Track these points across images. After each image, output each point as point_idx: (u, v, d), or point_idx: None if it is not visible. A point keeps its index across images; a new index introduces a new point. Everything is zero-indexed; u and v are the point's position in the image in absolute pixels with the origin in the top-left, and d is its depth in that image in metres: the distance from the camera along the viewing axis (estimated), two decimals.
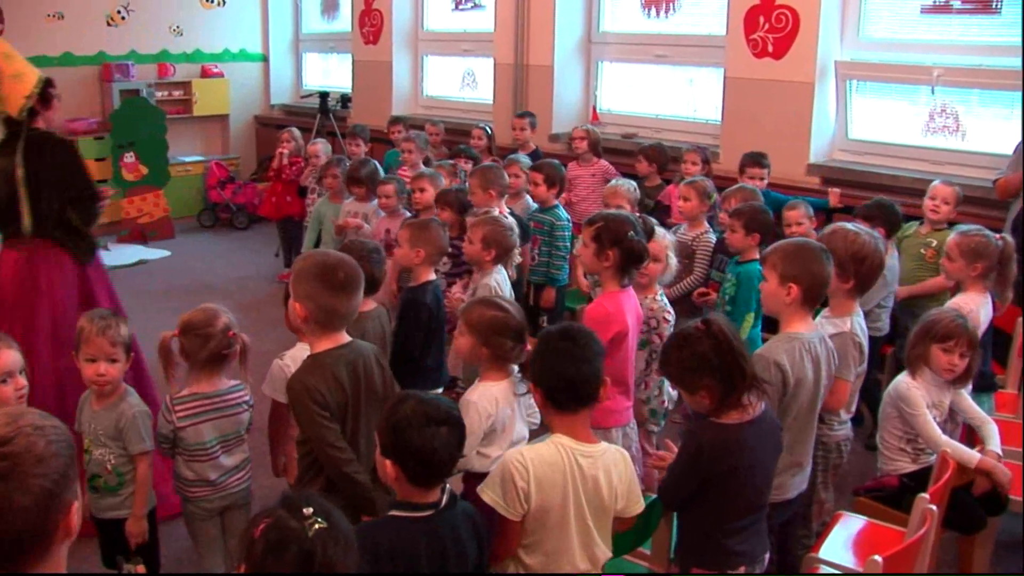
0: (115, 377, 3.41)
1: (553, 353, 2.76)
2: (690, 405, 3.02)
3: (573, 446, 2.71)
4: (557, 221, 5.80)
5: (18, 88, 4.42)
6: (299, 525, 1.88)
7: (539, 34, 8.26)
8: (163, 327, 3.51)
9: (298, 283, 3.01)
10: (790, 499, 3.41)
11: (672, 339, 3.04)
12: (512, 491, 2.64)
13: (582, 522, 2.74)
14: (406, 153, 7.32)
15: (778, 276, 3.32)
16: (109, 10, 10.49)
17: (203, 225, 10.82)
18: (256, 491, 3.73)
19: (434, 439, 2.44)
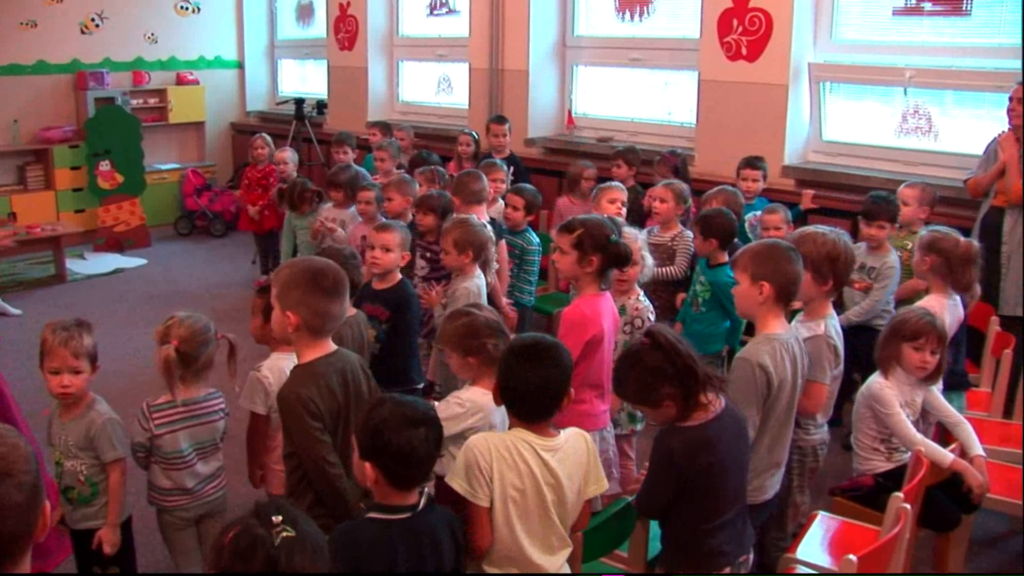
0: (80, 388, 3.37)
1: (518, 368, 2.79)
2: (655, 419, 3.03)
3: (535, 441, 2.78)
4: (528, 246, 5.76)
5: None
6: (266, 533, 1.90)
7: (514, 39, 8.28)
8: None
9: (287, 291, 2.98)
10: (768, 499, 3.43)
11: (622, 361, 3.03)
12: (477, 475, 2.70)
13: (544, 514, 2.79)
14: (379, 161, 7.33)
15: (749, 276, 3.34)
16: (83, 18, 10.44)
17: (180, 233, 10.78)
18: (231, 500, 3.72)
19: (412, 440, 2.46)
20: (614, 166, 6.83)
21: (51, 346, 3.34)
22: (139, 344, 3.52)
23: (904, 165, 6.18)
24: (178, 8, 11.10)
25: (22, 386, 4.26)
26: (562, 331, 3.77)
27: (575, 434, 2.90)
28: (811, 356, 3.48)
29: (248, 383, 3.62)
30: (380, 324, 4.32)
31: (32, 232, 8.91)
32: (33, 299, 8.32)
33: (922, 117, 6.24)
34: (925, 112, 6.22)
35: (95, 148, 10.05)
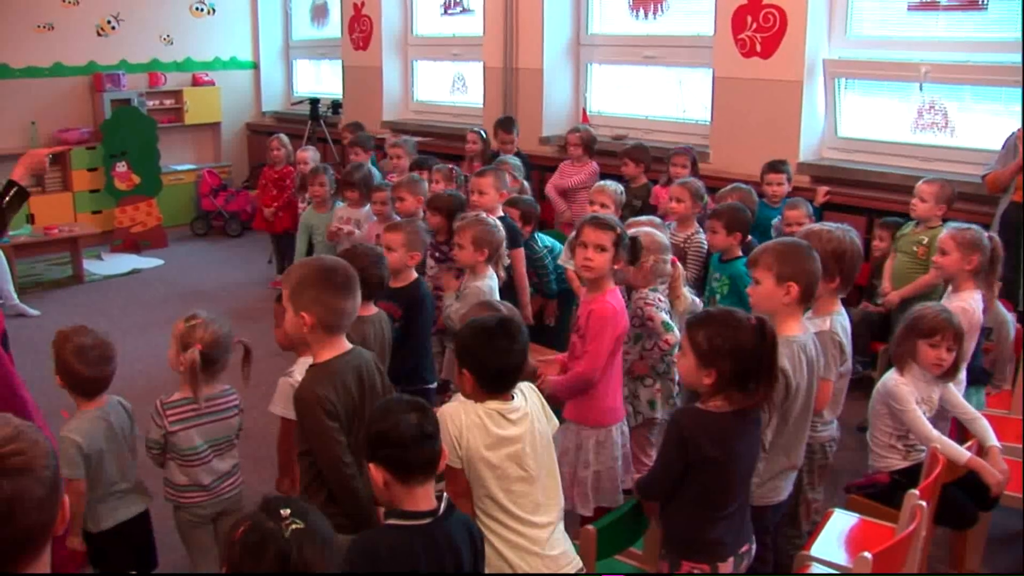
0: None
1: (491, 345, 2.84)
2: (685, 374, 3.03)
3: (502, 407, 2.86)
4: (533, 254, 5.64)
5: None
6: (276, 526, 1.92)
7: (528, 37, 8.28)
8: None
9: (301, 291, 2.98)
10: (783, 500, 3.43)
11: (720, 313, 3.02)
12: (448, 438, 2.75)
13: (525, 473, 2.86)
14: (395, 159, 7.33)
15: (774, 276, 3.31)
16: (99, 20, 10.49)
17: (196, 233, 10.82)
18: (248, 497, 3.73)
19: (401, 423, 2.45)
20: (623, 164, 6.83)
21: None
22: (156, 343, 3.55)
23: (920, 161, 6.15)
24: (193, 9, 11.14)
25: (41, 386, 4.27)
26: (594, 327, 3.73)
27: (525, 388, 2.98)
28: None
29: (279, 389, 3.63)
30: (393, 322, 4.32)
31: (50, 233, 8.97)
32: (51, 300, 8.37)
33: (938, 112, 6.21)
34: (941, 107, 6.19)
35: (112, 149, 10.10)
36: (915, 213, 5.31)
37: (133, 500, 3.53)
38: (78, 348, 3.38)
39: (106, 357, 3.43)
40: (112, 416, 3.47)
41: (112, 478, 3.45)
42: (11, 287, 7.90)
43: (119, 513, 3.48)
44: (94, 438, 3.37)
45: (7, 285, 7.83)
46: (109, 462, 3.43)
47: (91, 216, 10.18)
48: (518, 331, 2.90)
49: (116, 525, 3.47)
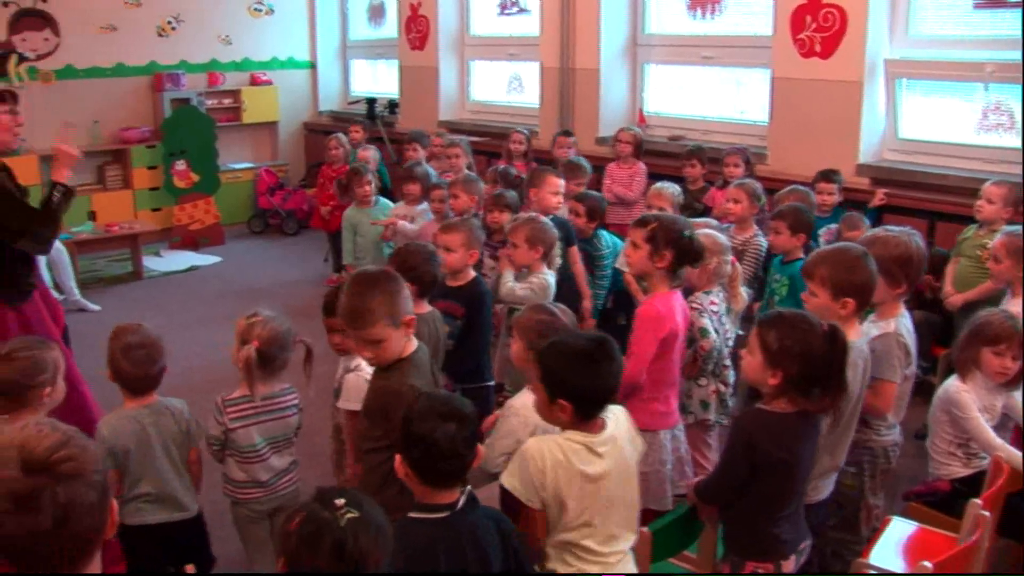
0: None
1: (578, 370, 2.77)
2: (750, 372, 3.00)
3: (590, 440, 2.77)
4: (596, 251, 5.70)
5: None
6: (331, 516, 1.93)
7: (585, 37, 8.25)
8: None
9: (396, 301, 3.00)
10: (823, 499, 3.39)
11: (792, 315, 3.01)
12: (531, 480, 2.71)
13: (606, 507, 2.80)
14: (452, 158, 7.35)
15: (830, 292, 3.28)
16: (160, 21, 10.62)
17: (253, 231, 10.93)
18: (304, 493, 3.75)
19: (436, 432, 2.43)
20: (687, 165, 6.79)
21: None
22: (214, 340, 3.60)
23: (983, 163, 6.03)
24: (251, 10, 11.24)
25: (100, 381, 4.32)
26: (638, 329, 3.75)
27: (617, 411, 2.92)
28: (881, 354, 3.41)
29: (349, 384, 3.62)
30: (455, 321, 4.33)
31: (111, 230, 9.12)
32: (111, 295, 8.50)
33: (1003, 113, 6.09)
34: (1007, 108, 6.07)
35: (171, 148, 10.24)
36: (980, 215, 5.21)
37: (161, 509, 3.48)
38: (125, 346, 3.41)
39: (152, 358, 3.44)
40: (149, 419, 3.44)
41: (135, 479, 3.43)
42: (73, 283, 8.03)
43: (144, 516, 3.46)
44: (122, 435, 3.38)
45: (69, 281, 7.97)
46: (135, 463, 3.41)
47: (151, 213, 10.31)
48: (614, 350, 2.85)
49: (144, 525, 3.46)
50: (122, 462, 3.39)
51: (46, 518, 1.60)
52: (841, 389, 2.90)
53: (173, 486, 3.48)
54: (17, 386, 3.26)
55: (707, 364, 4.19)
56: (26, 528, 1.59)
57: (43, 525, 1.60)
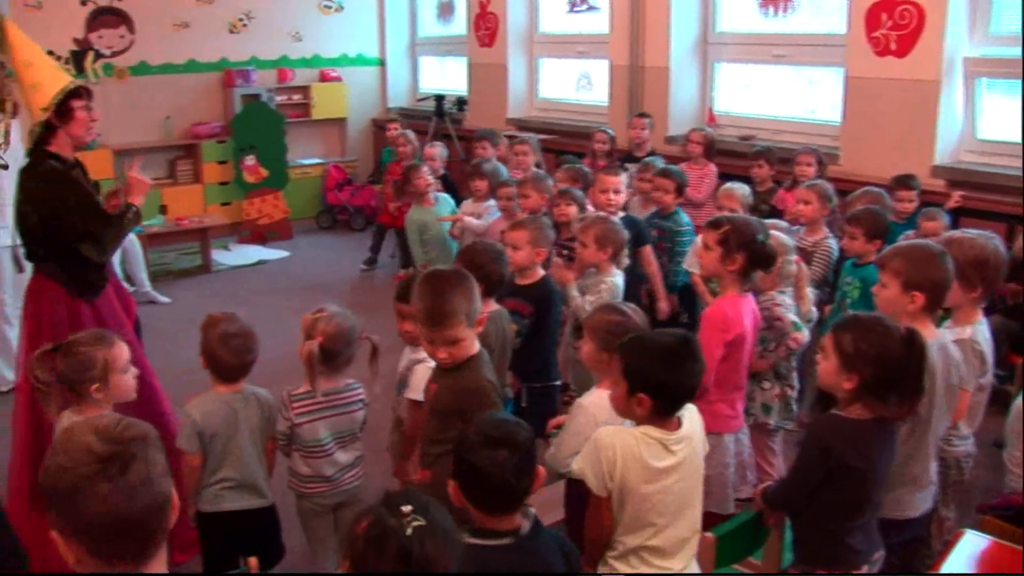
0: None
1: (662, 367, 2.75)
2: (824, 376, 2.94)
3: (664, 437, 2.76)
4: (679, 227, 5.72)
5: (35, 100, 3.98)
6: (398, 522, 1.91)
7: (654, 35, 8.18)
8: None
9: (473, 299, 3.03)
10: (911, 518, 3.29)
11: (869, 318, 2.96)
12: (600, 467, 2.71)
13: (675, 506, 2.80)
14: (521, 156, 7.32)
15: (900, 283, 3.22)
16: (231, 18, 10.74)
17: (321, 226, 11.02)
18: (368, 488, 3.77)
19: (487, 460, 2.33)
20: (755, 165, 6.69)
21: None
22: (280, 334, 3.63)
23: None
24: (322, 7, 11.31)
25: (170, 373, 4.40)
26: (704, 330, 3.71)
27: (693, 412, 2.91)
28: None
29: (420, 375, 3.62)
30: (523, 319, 4.32)
31: (181, 224, 9.25)
32: (181, 288, 8.62)
33: None
34: None
35: (241, 143, 10.35)
36: None
37: (241, 495, 3.53)
38: (223, 334, 3.45)
39: (248, 346, 3.50)
40: (239, 405, 3.50)
41: (217, 464, 3.48)
42: (144, 275, 8.16)
43: (223, 502, 3.51)
44: (212, 419, 3.44)
45: (140, 273, 8.09)
46: (219, 447, 3.47)
47: (220, 208, 10.43)
48: (698, 349, 2.84)
49: (220, 512, 3.52)
50: (207, 445, 3.44)
51: (135, 476, 1.68)
52: (918, 394, 2.84)
53: (254, 473, 3.54)
54: (68, 380, 3.31)
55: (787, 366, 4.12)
56: (120, 488, 1.66)
57: (134, 481, 1.67)
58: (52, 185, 3.97)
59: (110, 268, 4.34)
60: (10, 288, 6.15)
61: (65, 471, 1.68)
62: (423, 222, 7.00)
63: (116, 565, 1.71)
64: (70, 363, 3.30)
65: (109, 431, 1.72)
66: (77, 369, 3.29)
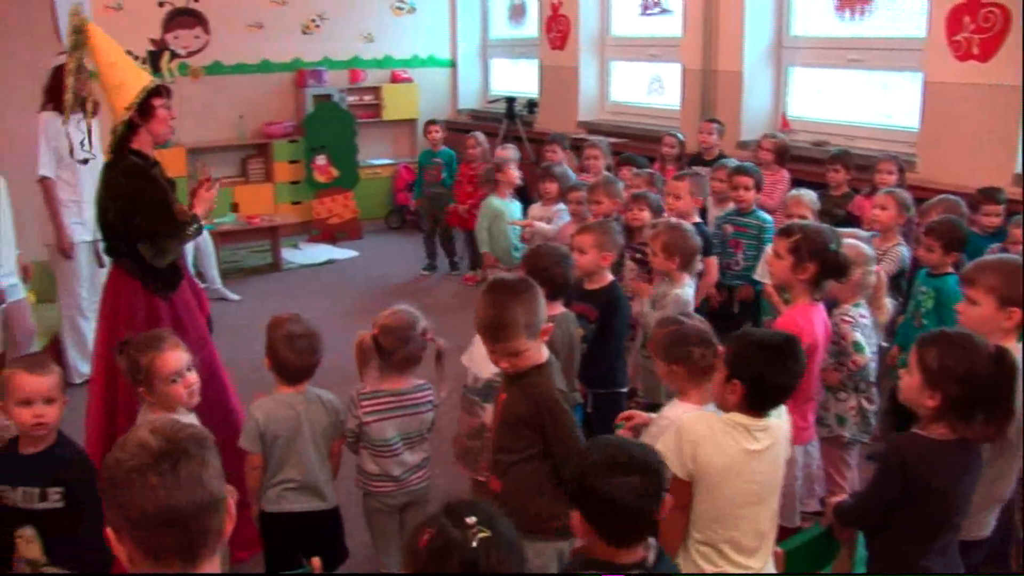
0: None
1: (764, 362, 2.76)
2: (907, 393, 2.87)
3: (745, 422, 2.77)
4: (763, 224, 5.70)
5: (118, 100, 4.02)
6: (462, 534, 1.88)
7: (728, 39, 8.10)
8: (350, 325, 3.58)
9: (534, 311, 2.99)
10: (986, 537, 3.20)
11: (956, 333, 2.88)
12: (679, 451, 2.72)
13: (749, 499, 2.79)
14: (591, 160, 7.29)
15: (996, 299, 3.12)
16: (305, 19, 10.84)
17: (390, 227, 11.08)
18: (435, 492, 3.77)
19: (617, 488, 2.19)
20: (830, 170, 6.58)
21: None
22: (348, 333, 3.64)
23: None
24: (394, 8, 11.37)
25: (238, 369, 4.43)
26: None
27: (783, 413, 2.90)
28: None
29: None
30: (589, 324, 4.29)
31: (252, 222, 9.34)
32: (251, 286, 8.71)
33: None
34: None
35: (313, 143, 10.44)
36: None
37: (303, 497, 3.54)
38: (288, 335, 3.47)
39: (313, 347, 3.51)
40: (302, 407, 3.51)
41: (280, 465, 3.50)
42: (215, 272, 8.26)
43: (285, 503, 3.53)
44: (275, 420, 3.46)
45: (212, 270, 8.19)
46: (282, 449, 3.48)
47: (291, 207, 10.53)
48: (800, 352, 2.83)
49: (282, 513, 3.53)
50: (270, 448, 3.46)
51: (184, 472, 1.70)
52: (1007, 416, 2.75)
53: (316, 476, 3.54)
54: (127, 376, 3.40)
55: (855, 380, 4.04)
56: (168, 483, 1.69)
57: (182, 476, 1.69)
58: (131, 180, 4.02)
59: (185, 265, 4.39)
60: (86, 283, 6.27)
61: (119, 464, 1.72)
62: (499, 212, 6.98)
63: (165, 563, 1.72)
64: (123, 362, 3.38)
65: (165, 430, 1.77)
66: (127, 370, 3.37)
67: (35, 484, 3.10)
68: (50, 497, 3.10)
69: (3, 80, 6.82)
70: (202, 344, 4.14)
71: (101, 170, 4.16)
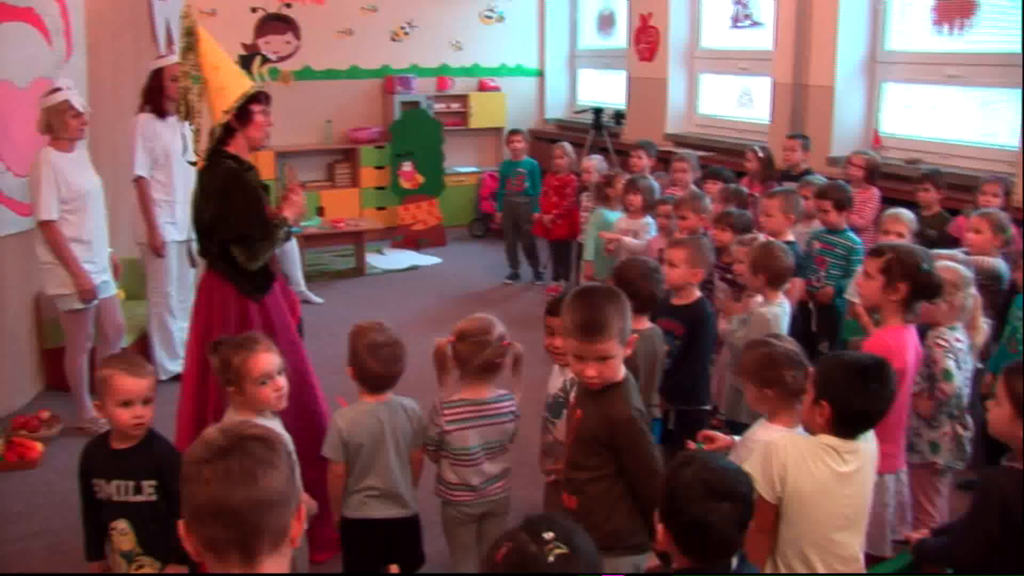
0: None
1: (853, 387, 2.74)
2: (996, 425, 2.79)
3: (834, 443, 2.75)
4: (853, 245, 5.54)
5: (218, 103, 4.08)
6: (539, 551, 1.87)
7: (820, 53, 7.97)
8: (432, 331, 3.58)
9: (625, 318, 2.97)
10: None
11: None
12: (768, 472, 2.68)
13: (836, 523, 2.76)
14: (679, 173, 7.23)
15: None
16: (394, 27, 10.98)
17: (474, 235, 11.12)
18: (514, 502, 3.75)
19: (710, 514, 2.19)
20: (921, 189, 6.43)
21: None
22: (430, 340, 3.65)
23: None
24: (483, 17, 11.44)
25: (320, 371, 4.46)
26: None
27: (871, 439, 2.87)
28: None
29: None
30: (675, 340, 4.25)
31: (337, 226, 9.44)
32: (334, 289, 8.81)
33: None
34: None
35: (399, 149, 10.54)
36: None
37: (384, 504, 3.56)
38: (371, 344, 3.49)
39: (396, 356, 3.53)
40: (385, 416, 3.53)
41: (363, 473, 3.52)
42: (300, 274, 8.36)
43: (367, 510, 3.55)
44: (358, 429, 3.48)
45: (297, 272, 8.29)
46: (365, 457, 3.50)
47: (376, 212, 10.64)
48: (890, 377, 2.79)
49: (364, 519, 3.56)
50: (353, 456, 3.49)
51: (236, 465, 1.72)
52: None
53: (398, 484, 3.56)
54: (219, 375, 3.46)
55: (945, 408, 3.94)
56: (219, 475, 1.72)
57: (233, 469, 1.72)
58: (226, 183, 4.08)
59: (277, 268, 4.44)
60: (176, 282, 6.39)
61: (188, 458, 1.78)
62: (607, 224, 6.92)
63: (223, 557, 1.75)
64: (215, 361, 3.43)
65: (233, 428, 1.81)
66: (219, 370, 3.43)
67: (129, 478, 3.21)
68: (144, 490, 3.22)
69: (105, 83, 6.98)
70: (293, 348, 4.19)
71: (196, 172, 4.23)
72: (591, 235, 7.09)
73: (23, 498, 4.94)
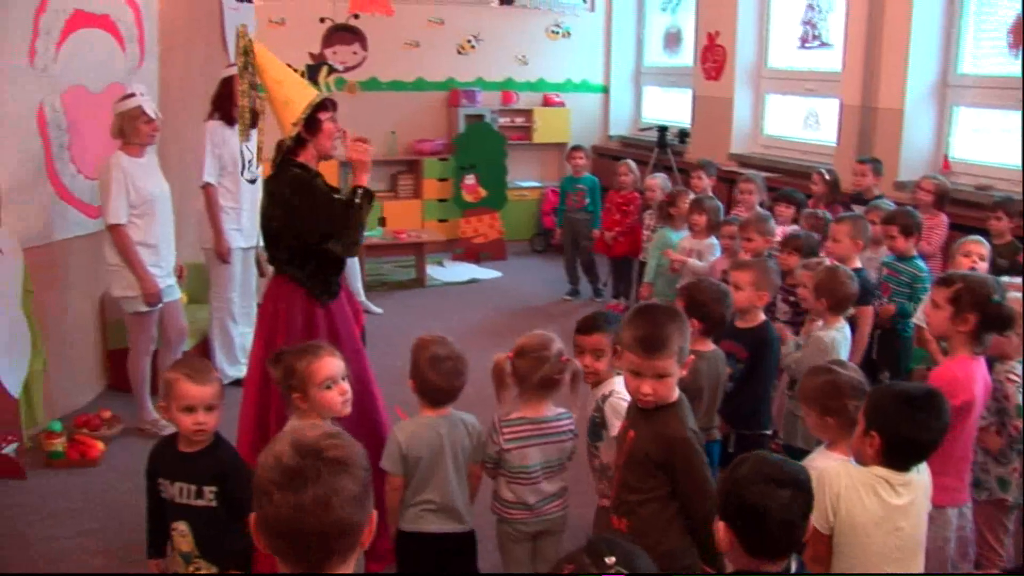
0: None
1: (912, 415, 2.71)
2: None
3: (886, 475, 2.72)
4: (919, 273, 5.42)
5: (286, 116, 4.13)
6: (600, 573, 1.86)
7: (890, 75, 7.86)
8: (490, 345, 3.58)
9: (685, 337, 2.97)
10: None
11: None
12: (822, 502, 2.64)
13: (893, 553, 2.73)
14: (744, 194, 7.18)
15: None
16: (460, 40, 11.05)
17: (535, 249, 11.13)
18: (572, 521, 3.73)
19: (769, 499, 2.22)
20: (993, 217, 6.31)
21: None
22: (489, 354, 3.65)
23: None
24: (549, 32, 11.46)
25: (378, 381, 4.48)
26: None
27: (924, 470, 2.83)
28: None
29: (616, 409, 3.55)
30: (737, 363, 4.21)
31: (398, 237, 9.49)
32: (394, 300, 8.84)
33: None
34: None
35: (462, 162, 10.59)
36: None
37: (441, 519, 3.55)
38: (433, 357, 3.49)
39: (458, 370, 3.53)
40: (445, 430, 3.52)
41: (421, 486, 3.51)
42: (360, 284, 8.39)
43: (424, 524, 3.54)
44: (417, 443, 3.47)
45: (356, 282, 8.32)
46: (424, 471, 3.50)
47: (437, 224, 10.69)
48: (943, 407, 2.76)
49: (420, 533, 3.55)
50: (411, 469, 3.48)
51: (309, 496, 1.70)
52: None
53: (456, 498, 3.55)
54: (281, 385, 3.47)
55: (1016, 445, 3.85)
56: (291, 503, 1.70)
57: (306, 501, 1.69)
58: (296, 189, 4.12)
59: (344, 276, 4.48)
60: (239, 288, 6.47)
61: (260, 472, 1.77)
62: (671, 244, 6.88)
63: (292, 564, 1.76)
64: (278, 369, 3.45)
65: (307, 445, 1.76)
66: (283, 376, 3.44)
67: (192, 481, 3.25)
68: (205, 495, 3.26)
69: (175, 90, 7.09)
70: (356, 356, 4.21)
71: (264, 181, 4.28)
72: (653, 255, 7.05)
73: (81, 495, 5.01)
